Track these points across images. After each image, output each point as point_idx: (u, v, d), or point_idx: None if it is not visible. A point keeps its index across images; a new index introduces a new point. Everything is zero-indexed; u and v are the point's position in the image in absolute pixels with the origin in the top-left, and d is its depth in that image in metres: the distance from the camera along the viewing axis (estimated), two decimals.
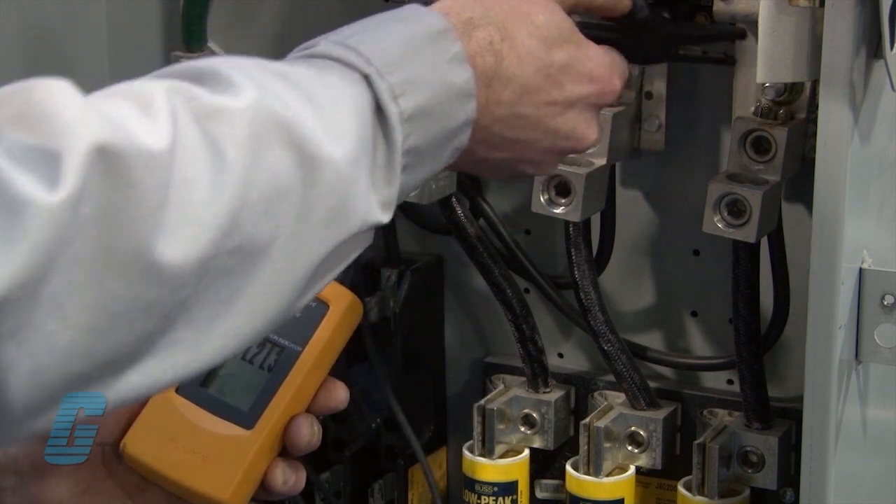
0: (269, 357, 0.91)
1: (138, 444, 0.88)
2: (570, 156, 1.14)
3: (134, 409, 0.87)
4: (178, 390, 0.88)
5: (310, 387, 0.90)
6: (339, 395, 0.90)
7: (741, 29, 1.07)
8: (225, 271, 0.71)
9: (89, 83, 1.49)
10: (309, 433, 0.89)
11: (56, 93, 0.68)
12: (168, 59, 1.38)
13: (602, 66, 0.91)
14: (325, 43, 0.81)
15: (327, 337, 0.90)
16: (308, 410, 0.90)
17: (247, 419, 0.88)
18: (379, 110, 0.78)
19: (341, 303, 0.92)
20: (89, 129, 0.66)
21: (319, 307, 0.92)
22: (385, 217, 0.79)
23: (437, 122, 0.81)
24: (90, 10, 1.40)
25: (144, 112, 0.69)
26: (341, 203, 0.76)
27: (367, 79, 0.79)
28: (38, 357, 0.66)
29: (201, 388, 0.89)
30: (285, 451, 0.89)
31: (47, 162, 0.65)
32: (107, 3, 1.40)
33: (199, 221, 0.69)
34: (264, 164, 0.72)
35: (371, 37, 0.81)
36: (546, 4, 0.89)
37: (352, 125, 0.76)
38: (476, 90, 0.83)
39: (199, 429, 0.88)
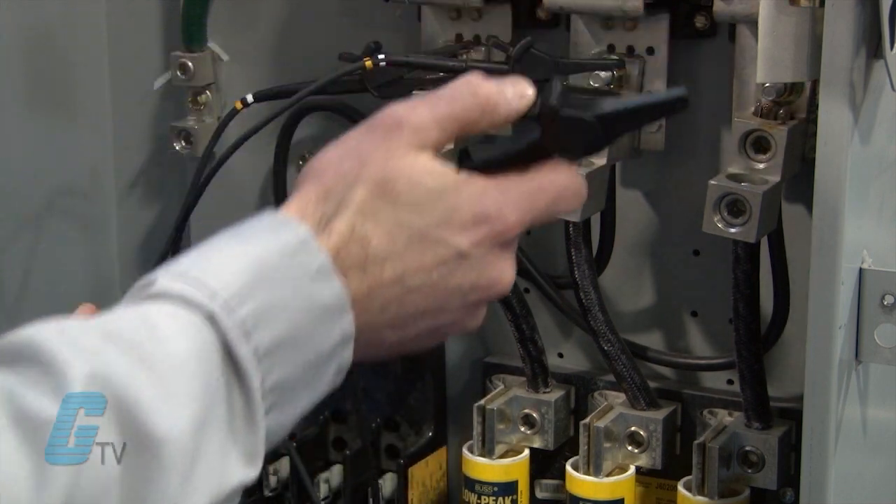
0: None
1: None
2: None
3: None
4: None
5: None
6: None
7: (619, 62, 1.13)
8: None
9: (89, 83, 1.50)
10: None
11: None
12: (168, 59, 1.38)
13: (483, 205, 0.78)
14: (165, 278, 0.72)
15: None
16: None
17: None
18: (228, 353, 0.70)
19: None
20: None
21: None
22: (251, 472, 0.72)
23: (305, 347, 0.73)
24: (90, 10, 1.40)
25: None
26: (190, 475, 0.69)
27: (211, 317, 0.71)
28: None
29: None
30: None
31: None
32: (107, 3, 1.40)
33: None
34: (90, 467, 0.66)
35: (221, 263, 0.73)
36: (409, 159, 0.78)
37: (194, 387, 0.69)
38: (352, 291, 0.75)
39: None
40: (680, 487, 1.18)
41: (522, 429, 1.26)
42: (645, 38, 1.18)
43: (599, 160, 1.15)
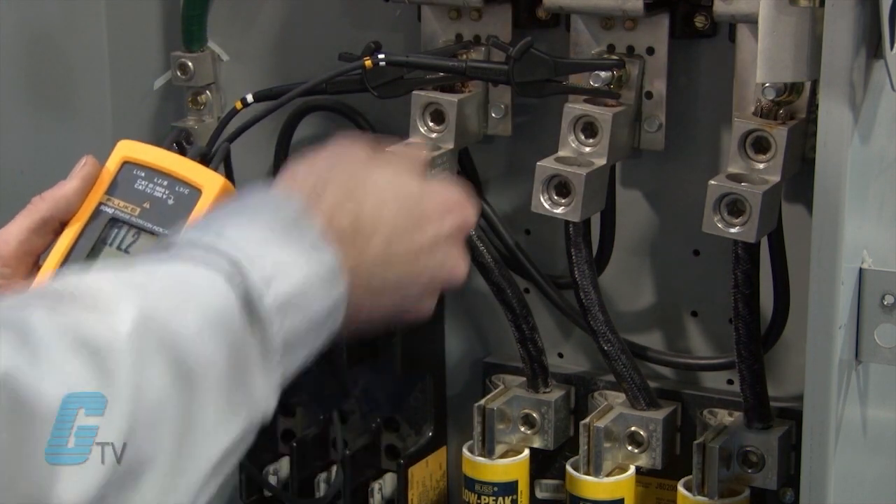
0: (144, 245, 0.91)
1: None
2: (570, 156, 1.15)
3: None
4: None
5: None
6: None
7: (620, 62, 1.12)
8: (117, 489, 0.70)
9: (89, 83, 1.50)
10: None
11: None
12: (168, 59, 1.38)
13: (451, 197, 0.90)
14: (188, 236, 0.80)
15: None
16: None
17: None
18: (248, 303, 0.77)
19: (213, 187, 0.92)
20: None
21: (192, 193, 0.92)
22: (269, 410, 0.80)
23: (309, 306, 0.80)
24: (90, 10, 1.40)
25: (25, 344, 0.69)
26: (225, 408, 0.75)
27: (234, 272, 0.77)
28: None
29: None
30: None
31: None
32: (107, 3, 1.40)
33: (93, 458, 0.69)
34: (148, 388, 0.71)
35: (235, 229, 0.80)
36: (378, 161, 0.88)
37: (225, 327, 0.76)
38: (344, 255, 0.82)
39: None
40: (680, 487, 1.18)
41: (522, 429, 1.26)
42: (645, 38, 1.18)
43: (599, 160, 1.15)
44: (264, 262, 0.78)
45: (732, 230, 1.08)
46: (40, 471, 0.68)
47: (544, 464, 1.29)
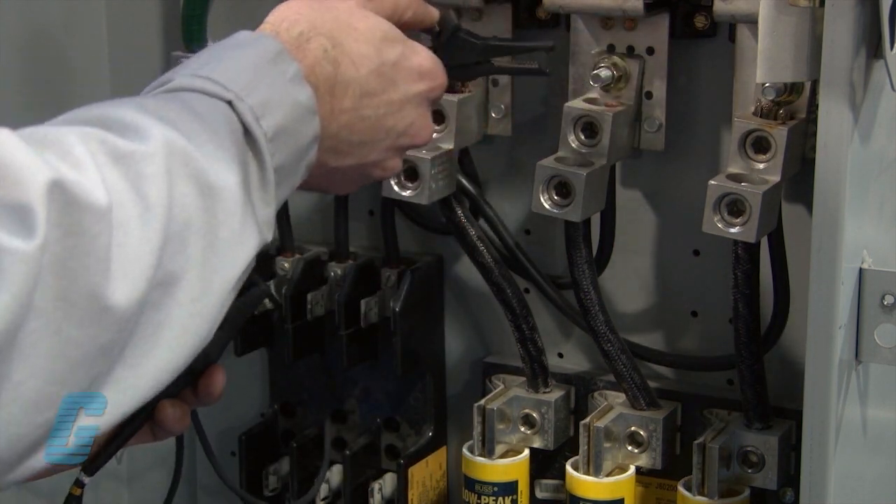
0: None
1: None
2: (570, 156, 1.15)
3: None
4: None
5: None
6: (218, 383, 0.91)
7: (549, 45, 1.08)
8: (152, 307, 0.73)
9: (89, 84, 1.50)
10: (171, 417, 0.89)
11: (1, 144, 0.69)
12: (168, 59, 1.38)
13: (429, 60, 0.94)
14: (180, 77, 0.83)
15: None
16: (184, 400, 0.90)
17: None
18: (246, 133, 0.80)
19: None
20: (43, 178, 0.68)
21: None
22: (269, 235, 0.82)
23: (292, 139, 0.83)
24: (90, 10, 1.40)
25: (67, 159, 0.71)
26: (241, 226, 0.78)
27: (230, 104, 0.81)
28: (7, 408, 0.67)
29: None
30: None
31: (13, 211, 0.67)
32: (107, 3, 1.40)
33: (136, 261, 0.71)
34: (176, 200, 0.74)
35: (219, 65, 0.83)
36: (363, 13, 0.91)
37: (234, 151, 0.79)
38: (318, 104, 0.85)
39: None
40: (680, 487, 1.18)
41: (522, 429, 1.26)
42: (645, 38, 1.18)
43: (599, 160, 1.15)
44: (255, 96, 0.81)
45: (732, 230, 1.08)
46: (98, 266, 0.69)
47: (544, 464, 1.29)
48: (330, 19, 0.89)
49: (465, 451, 1.26)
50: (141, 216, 0.72)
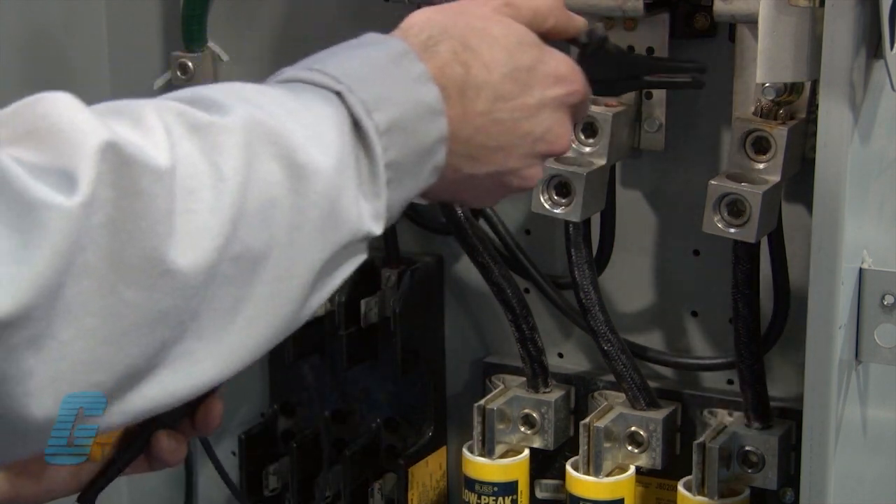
0: None
1: None
2: (570, 156, 1.15)
3: None
4: None
5: None
6: (216, 414, 0.89)
7: (702, 65, 1.01)
8: (228, 280, 0.72)
9: (89, 84, 1.50)
10: (167, 448, 0.88)
11: (60, 105, 0.69)
12: (168, 59, 1.38)
13: (566, 66, 0.91)
14: (291, 70, 0.83)
15: None
16: (181, 431, 0.89)
17: None
18: (356, 125, 0.79)
19: None
20: (98, 137, 0.68)
21: None
22: (377, 229, 0.80)
23: (412, 137, 0.82)
24: (90, 10, 1.40)
25: (137, 126, 0.71)
26: (332, 211, 0.77)
27: (339, 95, 0.80)
28: (55, 365, 0.67)
29: None
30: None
31: (60, 170, 0.66)
32: (107, 3, 1.40)
33: (205, 229, 0.71)
34: (257, 174, 0.73)
35: (336, 60, 0.82)
36: (499, 18, 0.89)
37: (333, 137, 0.78)
38: (447, 106, 0.84)
39: None
40: (680, 487, 1.18)
41: (522, 429, 1.26)
42: (645, 38, 1.18)
43: (599, 160, 1.15)
44: (368, 91, 0.80)
45: (732, 230, 1.08)
46: (156, 229, 0.69)
47: (544, 464, 1.29)
48: (462, 24, 0.87)
49: (465, 451, 1.26)
50: (214, 186, 0.71)
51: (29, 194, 0.65)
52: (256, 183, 0.73)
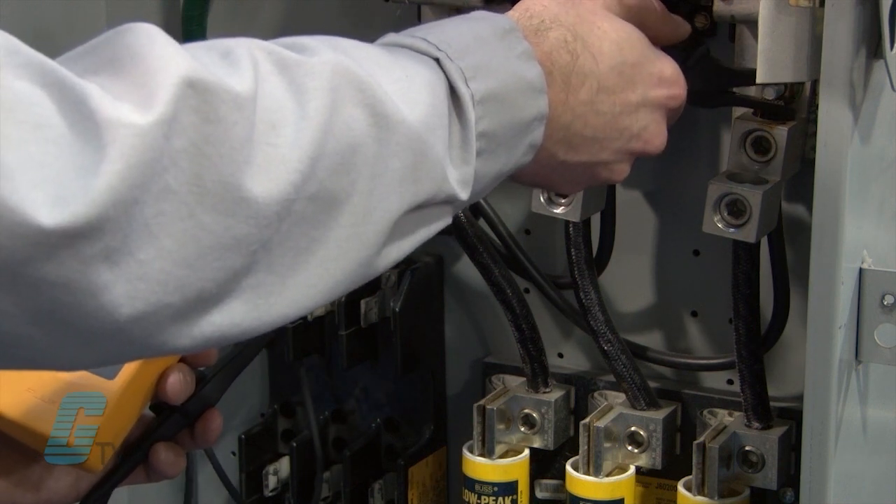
0: None
1: None
2: None
3: None
4: None
5: None
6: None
7: (779, 106, 1.05)
8: (304, 218, 0.73)
9: None
10: (180, 385, 0.89)
11: (145, 34, 0.72)
12: None
13: (671, 69, 0.92)
14: (394, 35, 0.84)
15: None
16: (185, 361, 0.90)
17: (109, 369, 0.88)
18: (452, 92, 0.80)
19: None
20: (179, 65, 0.69)
21: None
22: (463, 194, 0.81)
23: (509, 110, 0.82)
24: (90, 10, 1.40)
25: (225, 58, 0.72)
26: (415, 164, 0.78)
27: (438, 62, 0.81)
28: (132, 283, 0.67)
29: None
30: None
31: (139, 92, 0.68)
32: (107, 3, 1.40)
33: (284, 162, 0.71)
34: (340, 118, 0.74)
35: (440, 29, 0.83)
36: (609, 14, 0.91)
37: (424, 96, 0.79)
38: (550, 89, 0.84)
39: (58, 379, 0.87)
40: (680, 487, 1.18)
41: (522, 429, 1.26)
42: None
43: None
44: (468, 60, 0.81)
45: (732, 230, 1.08)
46: (234, 155, 0.70)
47: (544, 464, 1.29)
48: (574, 14, 0.88)
49: (465, 451, 1.25)
50: (296, 124, 0.72)
51: (105, 112, 0.66)
52: (339, 126, 0.74)
